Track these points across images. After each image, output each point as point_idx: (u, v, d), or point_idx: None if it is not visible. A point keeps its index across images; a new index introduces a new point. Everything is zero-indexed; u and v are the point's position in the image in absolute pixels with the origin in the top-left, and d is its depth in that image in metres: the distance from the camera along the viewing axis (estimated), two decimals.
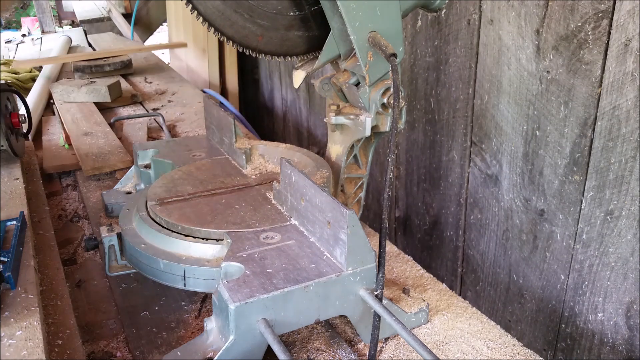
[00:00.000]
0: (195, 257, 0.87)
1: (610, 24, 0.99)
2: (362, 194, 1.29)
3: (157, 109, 2.13)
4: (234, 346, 0.75)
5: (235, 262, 0.82)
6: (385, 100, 1.09)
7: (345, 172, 1.23)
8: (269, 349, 0.74)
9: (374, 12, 0.99)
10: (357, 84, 1.10)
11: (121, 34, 3.23)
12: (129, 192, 1.28)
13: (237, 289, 0.75)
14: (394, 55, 0.97)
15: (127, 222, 0.97)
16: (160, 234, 0.90)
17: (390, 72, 1.03)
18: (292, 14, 1.05)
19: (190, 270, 0.85)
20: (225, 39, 1.03)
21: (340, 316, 0.95)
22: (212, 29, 1.00)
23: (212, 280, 0.84)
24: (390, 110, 1.11)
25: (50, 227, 1.22)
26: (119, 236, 0.94)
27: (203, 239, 0.89)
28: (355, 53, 1.02)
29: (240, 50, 1.05)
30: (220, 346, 0.76)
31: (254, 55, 1.08)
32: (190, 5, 0.97)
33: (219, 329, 0.78)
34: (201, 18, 0.98)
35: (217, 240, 0.89)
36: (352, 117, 1.13)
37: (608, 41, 1.00)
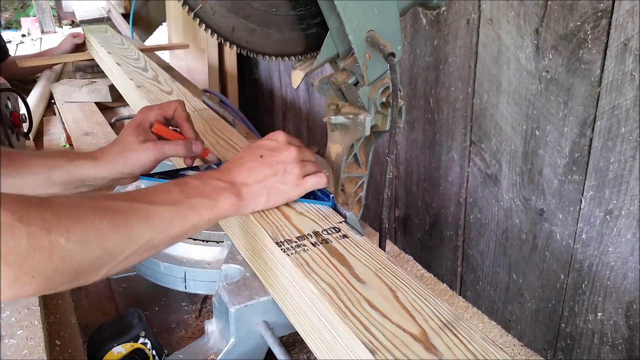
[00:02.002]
0: (195, 259, 0.87)
1: (610, 24, 0.99)
2: (362, 193, 1.29)
3: None
4: (235, 348, 0.75)
5: (235, 264, 0.82)
6: (384, 99, 1.09)
7: (345, 172, 1.23)
8: (270, 351, 0.75)
9: (372, 12, 0.98)
10: (356, 84, 1.10)
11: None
12: None
13: (237, 291, 0.76)
14: (392, 54, 0.97)
15: None
16: None
17: (388, 71, 1.03)
18: (291, 12, 1.05)
19: (190, 272, 0.86)
20: (222, 40, 1.03)
21: None
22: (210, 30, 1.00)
23: (213, 283, 0.85)
24: (389, 109, 1.11)
25: None
26: None
27: (203, 241, 0.90)
28: (353, 52, 1.02)
29: (239, 51, 1.05)
30: (221, 349, 0.76)
31: (252, 56, 1.08)
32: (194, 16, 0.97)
33: (219, 331, 0.79)
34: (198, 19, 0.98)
35: (217, 242, 0.89)
36: (351, 116, 1.13)
37: (607, 40, 1.00)
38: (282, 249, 0.70)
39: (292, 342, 0.94)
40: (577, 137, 1.10)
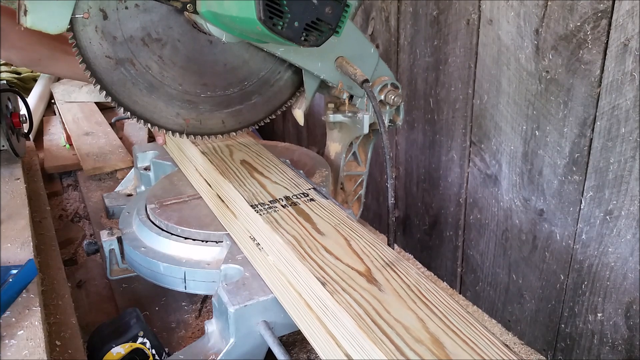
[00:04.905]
0: (195, 259, 0.87)
1: (610, 24, 0.99)
2: (362, 192, 1.30)
3: None
4: (235, 349, 0.75)
5: (234, 264, 0.82)
6: (382, 97, 1.09)
7: (344, 170, 1.24)
8: (270, 350, 0.75)
9: (329, 44, 0.97)
10: (352, 97, 1.11)
11: None
12: (130, 195, 1.29)
13: (236, 291, 0.76)
14: (366, 80, 0.97)
15: (127, 225, 0.97)
16: (160, 237, 0.91)
17: (367, 96, 1.03)
18: (262, 73, 1.06)
19: (190, 273, 0.86)
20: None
21: None
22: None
23: (213, 283, 0.85)
24: (387, 107, 1.12)
25: (52, 227, 1.22)
26: (119, 240, 0.94)
27: (202, 241, 0.90)
28: None
29: (237, 133, 1.11)
30: (221, 349, 0.76)
31: (250, 129, 1.11)
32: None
33: (219, 331, 0.79)
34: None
35: (217, 242, 0.89)
36: (350, 114, 1.14)
37: (607, 41, 1.00)
38: (256, 210, 0.81)
39: (292, 342, 0.94)
40: (577, 137, 1.10)
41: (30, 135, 1.53)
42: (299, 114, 1.11)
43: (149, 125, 1.00)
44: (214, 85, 1.02)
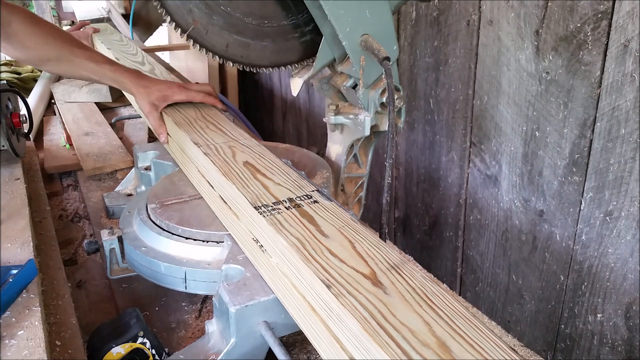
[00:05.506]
0: (195, 259, 0.87)
1: (610, 25, 0.99)
2: (362, 193, 1.29)
3: None
4: (235, 349, 0.75)
5: (235, 264, 0.82)
6: (384, 100, 1.09)
7: (345, 172, 1.24)
8: (271, 351, 0.75)
9: (363, 15, 0.97)
10: (355, 86, 1.10)
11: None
12: (130, 195, 1.29)
13: (237, 291, 0.76)
14: (387, 58, 0.97)
15: (127, 224, 0.97)
16: (161, 236, 0.90)
17: (384, 75, 1.03)
18: (284, 22, 1.06)
19: (191, 273, 0.85)
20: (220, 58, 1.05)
21: None
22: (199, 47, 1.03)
23: (213, 283, 0.85)
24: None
25: (52, 227, 1.22)
26: (120, 239, 0.94)
27: (203, 241, 0.89)
28: (349, 56, 1.03)
29: (235, 66, 1.07)
30: (222, 349, 0.76)
31: (248, 69, 1.09)
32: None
33: (220, 331, 0.79)
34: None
35: (218, 242, 0.89)
36: (351, 116, 1.14)
37: (607, 42, 1.01)
38: (259, 212, 0.80)
39: (293, 342, 0.94)
40: (577, 138, 1.10)
41: (30, 135, 1.53)
42: (296, 83, 1.10)
43: (159, 5, 0.96)
44: (237, 5, 1.00)
